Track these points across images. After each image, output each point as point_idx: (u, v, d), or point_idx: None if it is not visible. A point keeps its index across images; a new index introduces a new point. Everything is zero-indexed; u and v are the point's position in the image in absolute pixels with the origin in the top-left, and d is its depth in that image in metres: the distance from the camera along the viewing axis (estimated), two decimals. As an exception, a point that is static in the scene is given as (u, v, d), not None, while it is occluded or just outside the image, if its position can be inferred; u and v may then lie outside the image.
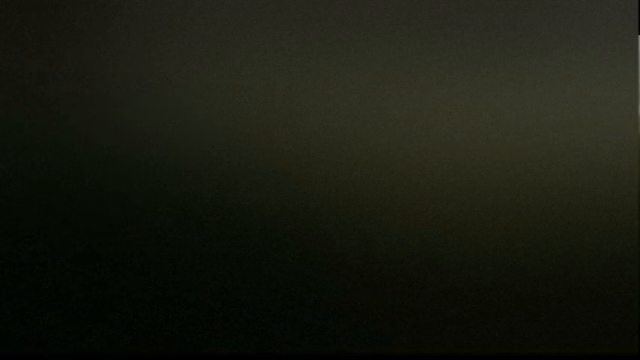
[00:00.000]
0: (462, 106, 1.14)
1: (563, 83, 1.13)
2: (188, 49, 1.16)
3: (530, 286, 1.13)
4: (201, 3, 1.16)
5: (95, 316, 1.15)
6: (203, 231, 1.14)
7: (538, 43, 1.14)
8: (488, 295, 1.13)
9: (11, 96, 1.15)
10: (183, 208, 1.14)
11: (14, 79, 1.16)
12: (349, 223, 1.14)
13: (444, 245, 1.13)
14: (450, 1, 1.15)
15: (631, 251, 1.12)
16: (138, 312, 1.15)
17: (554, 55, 1.13)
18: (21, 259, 1.15)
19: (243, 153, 1.15)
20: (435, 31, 1.14)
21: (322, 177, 1.14)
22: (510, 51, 1.14)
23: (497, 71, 1.14)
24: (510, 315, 1.13)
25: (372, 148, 1.14)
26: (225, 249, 1.14)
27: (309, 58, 1.15)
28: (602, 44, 1.14)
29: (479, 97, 1.14)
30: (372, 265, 1.14)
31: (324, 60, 1.15)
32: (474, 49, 1.14)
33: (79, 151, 1.15)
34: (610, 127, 1.13)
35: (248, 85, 1.15)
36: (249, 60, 1.15)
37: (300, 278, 1.14)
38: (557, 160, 1.13)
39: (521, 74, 1.14)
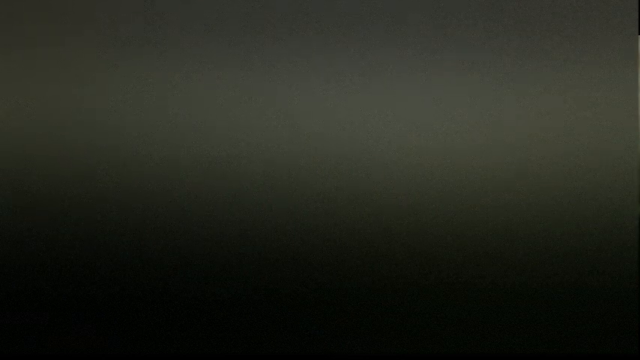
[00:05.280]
0: (461, 106, 1.14)
1: (563, 83, 1.13)
2: (182, 50, 1.16)
3: (530, 286, 1.13)
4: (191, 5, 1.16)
5: (95, 316, 1.15)
6: (195, 231, 1.14)
7: (538, 43, 1.14)
8: (488, 295, 1.13)
9: (11, 96, 1.15)
10: (179, 206, 1.14)
11: (14, 79, 1.15)
12: (349, 224, 1.14)
13: (445, 245, 1.13)
14: (449, 1, 1.15)
15: (631, 251, 1.12)
16: (138, 312, 1.15)
17: (554, 55, 1.13)
18: (21, 259, 1.15)
19: (243, 152, 1.15)
20: (435, 30, 1.14)
21: (321, 177, 1.14)
22: (510, 51, 1.14)
23: (497, 71, 1.14)
24: (510, 315, 1.13)
25: (372, 148, 1.14)
26: (217, 248, 1.14)
27: (303, 58, 1.15)
28: (602, 44, 1.14)
29: (478, 97, 1.14)
30: (371, 266, 1.14)
31: (319, 61, 1.15)
32: (473, 49, 1.14)
33: (79, 151, 1.15)
34: (610, 127, 1.13)
35: (247, 85, 1.15)
36: (249, 59, 1.15)
37: (299, 278, 1.14)
38: (558, 161, 1.13)
39: (522, 74, 1.14)
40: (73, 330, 1.15)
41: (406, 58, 1.14)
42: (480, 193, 1.13)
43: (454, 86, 1.14)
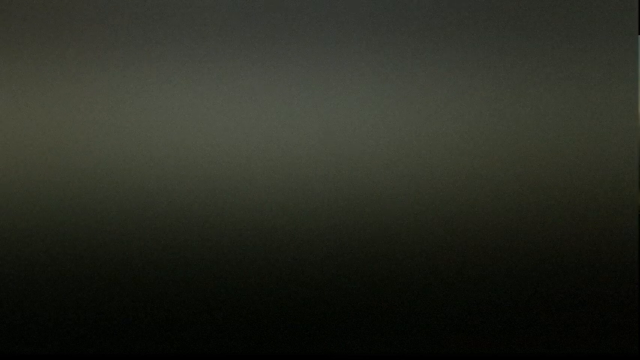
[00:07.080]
0: (461, 106, 1.14)
1: (563, 83, 1.13)
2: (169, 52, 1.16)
3: (530, 286, 1.13)
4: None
5: (94, 316, 1.15)
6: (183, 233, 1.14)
7: (538, 43, 1.14)
8: (487, 295, 1.13)
9: (11, 96, 1.15)
10: (179, 207, 1.14)
11: (14, 79, 1.15)
12: (349, 223, 1.14)
13: (445, 245, 1.13)
14: (449, 0, 1.15)
15: (631, 251, 1.12)
16: (138, 312, 1.15)
17: (554, 55, 1.13)
18: (20, 259, 1.15)
19: (243, 153, 1.15)
20: (434, 30, 1.14)
21: (321, 177, 1.14)
22: (510, 51, 1.14)
23: (497, 71, 1.14)
24: (510, 315, 1.13)
25: (372, 148, 1.14)
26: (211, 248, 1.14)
27: (303, 59, 1.15)
28: (602, 44, 1.14)
29: (478, 97, 1.14)
30: (371, 266, 1.14)
31: (319, 61, 1.15)
32: (473, 48, 1.14)
33: (78, 151, 1.15)
34: (610, 127, 1.13)
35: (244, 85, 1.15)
36: (248, 59, 1.15)
37: (297, 279, 1.14)
38: (558, 160, 1.13)
39: (521, 74, 1.14)
40: (73, 330, 1.15)
41: (406, 57, 1.14)
42: (480, 193, 1.13)
43: (454, 86, 1.14)
